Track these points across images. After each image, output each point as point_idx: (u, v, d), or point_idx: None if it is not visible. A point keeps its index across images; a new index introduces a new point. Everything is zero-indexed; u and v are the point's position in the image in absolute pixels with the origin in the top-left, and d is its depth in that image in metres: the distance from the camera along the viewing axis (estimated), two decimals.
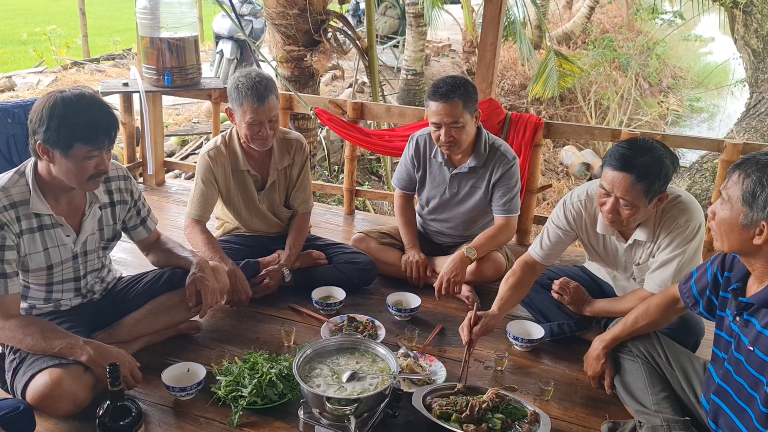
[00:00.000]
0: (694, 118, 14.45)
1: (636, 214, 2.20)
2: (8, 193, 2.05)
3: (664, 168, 2.13)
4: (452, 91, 2.70)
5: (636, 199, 2.15)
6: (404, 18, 10.08)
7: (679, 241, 2.27)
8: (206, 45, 11.40)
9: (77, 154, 2.00)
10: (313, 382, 2.01)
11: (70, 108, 1.98)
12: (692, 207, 2.28)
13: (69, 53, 10.72)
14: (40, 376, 2.00)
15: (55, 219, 2.14)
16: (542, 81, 7.30)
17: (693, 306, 2.04)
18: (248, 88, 2.63)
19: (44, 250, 2.14)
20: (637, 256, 2.44)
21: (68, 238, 2.19)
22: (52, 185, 2.11)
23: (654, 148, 2.16)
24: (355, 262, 2.97)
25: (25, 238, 2.09)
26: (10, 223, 2.03)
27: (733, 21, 9.63)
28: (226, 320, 2.74)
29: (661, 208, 2.28)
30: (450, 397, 2.12)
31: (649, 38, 13.36)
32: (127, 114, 4.24)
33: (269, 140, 2.77)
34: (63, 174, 2.05)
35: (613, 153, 2.18)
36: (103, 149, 2.05)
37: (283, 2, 4.72)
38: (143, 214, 2.47)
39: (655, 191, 2.15)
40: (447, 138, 2.76)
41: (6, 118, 3.32)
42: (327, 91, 9.26)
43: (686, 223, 2.25)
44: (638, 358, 2.20)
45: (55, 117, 1.96)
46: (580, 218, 2.48)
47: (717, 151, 3.28)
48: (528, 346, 2.58)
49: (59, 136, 1.97)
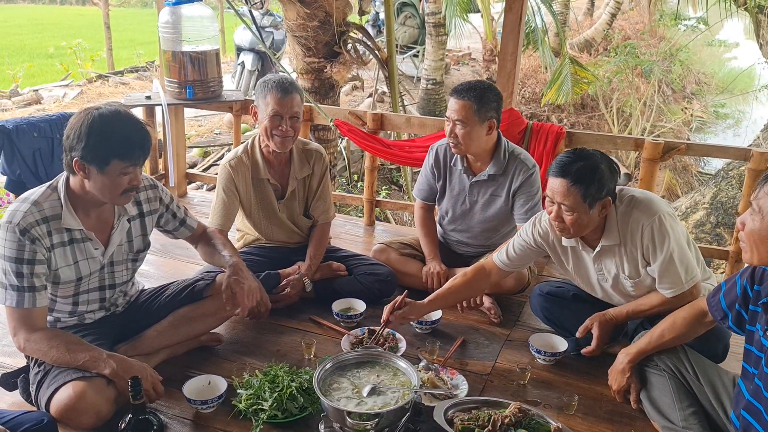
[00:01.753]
0: (719, 125, 14.25)
1: (579, 219, 2.26)
2: (41, 208, 2.08)
3: (598, 173, 2.21)
4: (468, 91, 2.75)
5: (575, 204, 2.23)
6: (424, 28, 10.10)
7: (658, 237, 2.26)
8: (228, 57, 11.55)
9: (113, 170, 2.03)
10: (333, 396, 1.99)
11: (108, 125, 2.01)
12: (649, 202, 2.31)
13: (94, 66, 10.92)
14: (64, 389, 2.02)
15: (85, 233, 2.16)
16: (556, 87, 7.31)
17: (722, 320, 1.99)
18: (275, 82, 2.75)
19: (74, 263, 2.17)
20: (609, 268, 2.42)
21: (96, 251, 2.22)
22: (83, 200, 2.14)
23: (591, 156, 2.26)
24: (376, 274, 2.96)
25: (56, 251, 2.11)
26: (41, 237, 2.06)
27: (758, 26, 9.49)
28: (247, 332, 2.74)
29: (621, 212, 2.32)
30: (472, 412, 2.09)
31: (672, 44, 13.23)
32: (149, 126, 4.29)
33: (289, 140, 2.79)
34: (97, 189, 2.08)
35: (555, 161, 2.30)
36: (138, 165, 2.09)
37: (303, 14, 4.75)
38: (180, 215, 2.50)
39: (593, 196, 2.22)
40: (451, 133, 2.81)
41: (32, 132, 3.39)
42: (347, 102, 9.30)
43: (649, 218, 2.27)
44: (665, 373, 2.15)
45: (93, 134, 1.99)
46: (547, 237, 2.52)
47: (744, 159, 3.21)
48: (551, 360, 2.54)
49: (97, 153, 2.00)
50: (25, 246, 2.02)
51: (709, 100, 14.35)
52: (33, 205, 2.06)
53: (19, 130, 3.34)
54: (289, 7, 4.82)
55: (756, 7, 9.20)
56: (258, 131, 2.90)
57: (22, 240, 2.02)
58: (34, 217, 2.05)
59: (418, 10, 10.78)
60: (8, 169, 3.35)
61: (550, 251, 2.56)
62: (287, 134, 2.76)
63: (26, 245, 2.02)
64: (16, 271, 2.03)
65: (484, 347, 2.68)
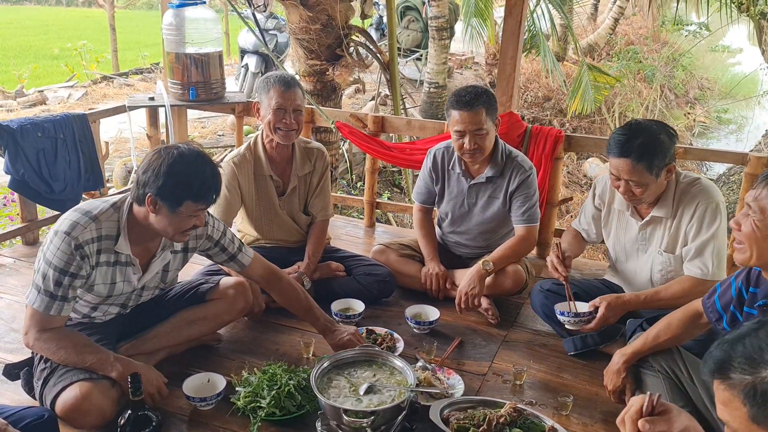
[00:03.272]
0: (722, 130, 14.24)
1: (648, 190, 2.35)
2: (99, 225, 2.08)
3: (659, 144, 2.28)
4: (476, 99, 2.75)
5: (642, 178, 2.31)
6: (427, 31, 10.13)
7: (708, 219, 2.35)
8: (232, 59, 11.59)
9: (184, 211, 2.05)
10: (330, 394, 2.02)
11: (188, 168, 2.03)
12: (711, 188, 2.42)
13: (99, 68, 10.98)
14: (71, 389, 2.05)
15: (131, 259, 2.18)
16: (579, 96, 7.17)
17: (717, 321, 2.01)
18: (277, 77, 2.84)
19: (112, 283, 2.19)
20: (655, 238, 2.49)
21: (135, 276, 2.24)
22: (140, 228, 2.14)
23: (647, 128, 2.32)
24: (375, 274, 2.99)
25: (99, 269, 2.13)
26: (91, 255, 2.07)
27: (761, 32, 9.49)
28: (247, 332, 2.77)
29: (681, 188, 2.42)
30: (468, 411, 2.11)
31: (675, 49, 13.24)
32: (153, 127, 4.33)
33: (293, 133, 2.85)
34: (162, 225, 2.09)
35: (612, 141, 2.36)
36: (208, 207, 2.12)
37: (305, 18, 4.78)
38: (231, 251, 2.42)
39: (659, 166, 2.30)
40: (471, 145, 2.80)
41: (36, 132, 3.42)
42: (350, 104, 9.33)
43: (707, 200, 2.37)
44: (659, 374, 2.17)
45: (173, 175, 2.00)
46: (604, 192, 2.66)
47: (741, 164, 3.23)
48: (577, 323, 2.46)
49: (173, 194, 2.01)
50: (74, 260, 2.04)
51: (711, 105, 14.34)
52: (93, 222, 2.07)
53: (23, 130, 3.37)
54: (292, 11, 4.85)
55: (759, 14, 9.20)
56: (260, 131, 2.94)
57: (74, 254, 2.03)
58: (91, 234, 2.06)
59: (422, 14, 10.82)
60: (12, 169, 3.38)
61: (602, 206, 2.70)
62: (291, 127, 2.81)
63: (75, 260, 2.04)
64: (57, 280, 2.04)
65: (482, 348, 2.70)
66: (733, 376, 1.08)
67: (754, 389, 1.05)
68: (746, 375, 1.06)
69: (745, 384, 1.06)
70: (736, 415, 1.08)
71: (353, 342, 2.41)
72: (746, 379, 1.06)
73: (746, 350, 1.08)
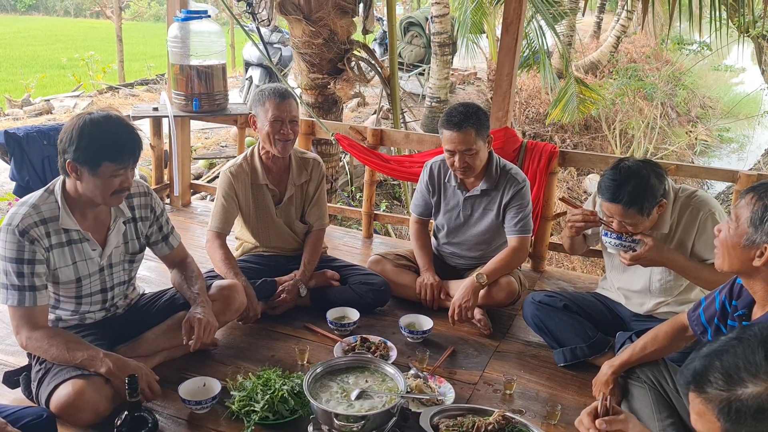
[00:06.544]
0: (723, 149, 14.30)
1: (641, 225, 2.40)
2: (38, 210, 2.17)
3: (649, 188, 2.33)
4: (465, 120, 2.79)
5: (634, 219, 2.37)
6: (430, 47, 10.24)
7: (712, 226, 2.35)
8: (237, 71, 11.70)
9: (104, 172, 2.12)
10: (322, 398, 2.06)
11: (98, 129, 2.10)
12: (711, 199, 2.51)
13: (105, 78, 11.09)
14: (64, 386, 2.09)
15: (82, 234, 2.25)
16: (561, 106, 7.36)
17: (701, 334, 2.05)
18: (271, 89, 2.92)
19: (73, 263, 2.25)
20: None
21: (94, 252, 2.30)
22: (79, 202, 2.23)
23: (637, 172, 2.34)
24: (370, 283, 3.04)
25: (54, 252, 2.20)
26: (40, 238, 2.15)
27: (761, 52, 9.59)
28: (243, 338, 2.81)
29: (681, 202, 2.48)
30: (457, 418, 2.15)
31: (676, 68, 13.33)
32: (156, 137, 4.40)
33: (290, 144, 2.92)
34: (89, 190, 2.16)
35: (602, 185, 2.40)
36: (128, 167, 2.17)
37: (308, 32, 4.87)
38: (165, 231, 2.56)
39: (649, 208, 2.35)
40: (461, 164, 2.86)
41: (42, 140, 3.49)
42: (352, 118, 9.42)
43: (710, 211, 2.45)
44: (646, 384, 2.21)
45: (84, 137, 2.08)
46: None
47: (732, 181, 3.29)
48: (618, 245, 2.44)
49: (88, 155, 2.09)
50: (24, 246, 2.11)
51: (713, 123, 14.42)
52: (31, 208, 2.16)
53: (29, 138, 3.44)
54: (295, 25, 4.94)
55: (760, 35, 9.31)
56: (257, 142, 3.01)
57: (21, 241, 2.11)
58: (32, 219, 2.14)
59: (425, 30, 10.95)
60: (17, 175, 3.45)
61: None
62: (288, 137, 2.89)
63: (26, 246, 2.11)
64: (17, 271, 2.12)
65: (473, 357, 2.74)
66: (709, 390, 1.11)
67: (729, 406, 1.08)
68: (722, 391, 1.09)
69: (721, 400, 1.09)
70: (710, 428, 1.12)
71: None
72: (722, 395, 1.09)
73: (723, 366, 1.10)
